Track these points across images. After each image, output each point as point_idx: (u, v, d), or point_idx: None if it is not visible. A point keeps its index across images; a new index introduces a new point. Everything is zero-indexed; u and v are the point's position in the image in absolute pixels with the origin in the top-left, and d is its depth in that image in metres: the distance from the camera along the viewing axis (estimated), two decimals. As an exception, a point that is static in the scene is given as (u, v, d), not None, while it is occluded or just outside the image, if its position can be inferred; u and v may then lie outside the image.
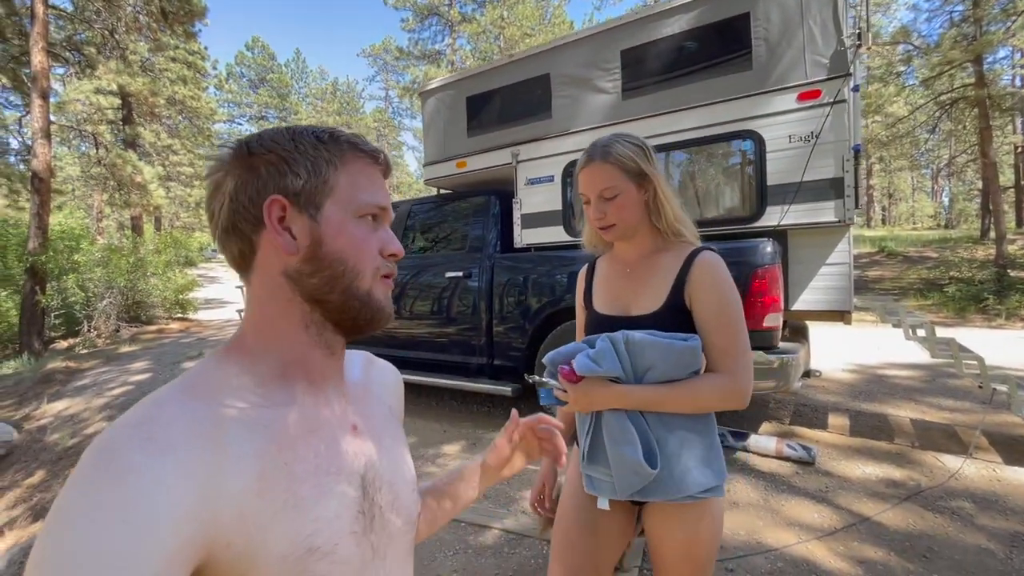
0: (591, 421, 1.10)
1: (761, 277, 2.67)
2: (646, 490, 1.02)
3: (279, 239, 0.54)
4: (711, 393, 1.01)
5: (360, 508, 0.56)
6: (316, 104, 40.52)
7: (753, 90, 2.87)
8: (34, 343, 9.00)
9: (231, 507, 0.45)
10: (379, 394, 0.70)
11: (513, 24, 23.99)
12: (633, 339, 1.02)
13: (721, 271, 1.07)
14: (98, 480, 0.40)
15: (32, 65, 9.16)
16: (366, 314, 0.57)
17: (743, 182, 3.00)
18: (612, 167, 1.10)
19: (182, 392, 0.49)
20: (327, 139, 0.57)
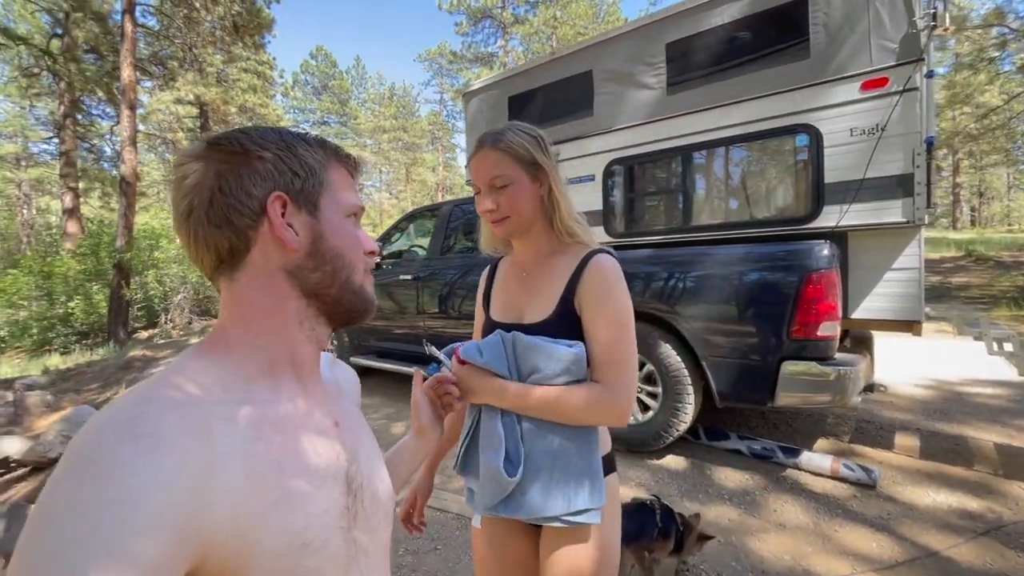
0: (471, 425, 1.05)
1: (816, 282, 2.47)
2: (507, 504, 0.95)
3: (285, 234, 0.55)
4: (581, 401, 0.92)
5: (345, 503, 0.57)
6: (374, 109, 42.02)
7: (810, 80, 2.66)
8: (119, 332, 9.89)
9: (224, 504, 0.44)
10: (346, 391, 0.73)
11: (566, 23, 23.84)
12: (520, 340, 0.98)
13: (613, 275, 0.99)
14: (89, 474, 0.39)
15: (122, 79, 10.08)
16: (360, 306, 0.62)
17: (797, 180, 2.79)
18: (503, 155, 1.01)
19: (167, 388, 0.48)
20: (313, 142, 0.60)
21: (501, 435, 0.96)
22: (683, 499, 2.65)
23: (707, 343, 2.81)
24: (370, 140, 40.92)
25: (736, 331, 2.73)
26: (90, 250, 10.97)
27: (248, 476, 0.47)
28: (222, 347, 0.54)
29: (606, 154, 3.44)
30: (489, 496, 0.95)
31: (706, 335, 2.81)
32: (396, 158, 40.73)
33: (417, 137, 41.27)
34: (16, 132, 24.87)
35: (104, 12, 12.32)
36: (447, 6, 26.95)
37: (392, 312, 4.61)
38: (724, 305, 2.75)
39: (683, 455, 3.15)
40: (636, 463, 3.06)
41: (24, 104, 22.73)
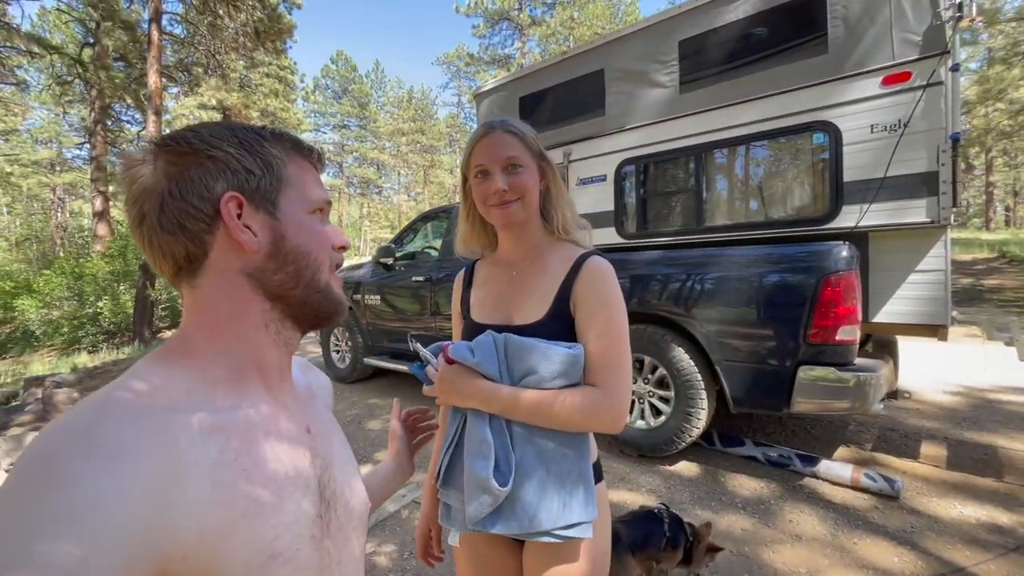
0: (455, 433, 0.98)
1: (834, 285, 2.38)
2: (495, 518, 0.89)
3: (242, 236, 0.52)
4: (577, 405, 0.88)
5: (318, 511, 0.55)
6: (393, 112, 42.49)
7: (828, 76, 2.57)
8: (144, 332, 10.17)
9: (188, 517, 0.42)
10: (320, 397, 0.71)
11: (583, 24, 23.75)
12: (513, 341, 0.93)
13: (610, 278, 0.96)
14: (41, 490, 0.36)
15: (149, 85, 10.37)
16: (328, 306, 0.59)
17: (815, 179, 2.70)
18: (516, 139, 0.98)
19: (128, 394, 0.46)
20: (270, 136, 0.57)
21: (490, 441, 0.90)
22: (695, 507, 2.58)
23: (721, 347, 2.74)
24: (389, 143, 41.39)
25: (751, 335, 2.66)
26: (118, 252, 11.32)
27: (215, 487, 0.45)
28: (185, 353, 0.52)
29: (618, 154, 3.39)
30: (476, 508, 0.88)
31: (720, 338, 2.74)
32: (414, 160, 41.11)
33: (435, 139, 41.60)
34: (51, 138, 25.86)
35: (132, 21, 12.71)
36: (465, 9, 27.11)
37: (406, 313, 4.63)
38: (739, 308, 2.68)
39: (696, 461, 3.08)
40: (648, 469, 3.00)
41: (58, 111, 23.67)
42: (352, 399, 4.72)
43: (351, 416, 4.26)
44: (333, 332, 5.40)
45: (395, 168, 43.38)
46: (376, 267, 4.86)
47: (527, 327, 0.96)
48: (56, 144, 26.01)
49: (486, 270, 1.11)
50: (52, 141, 26.02)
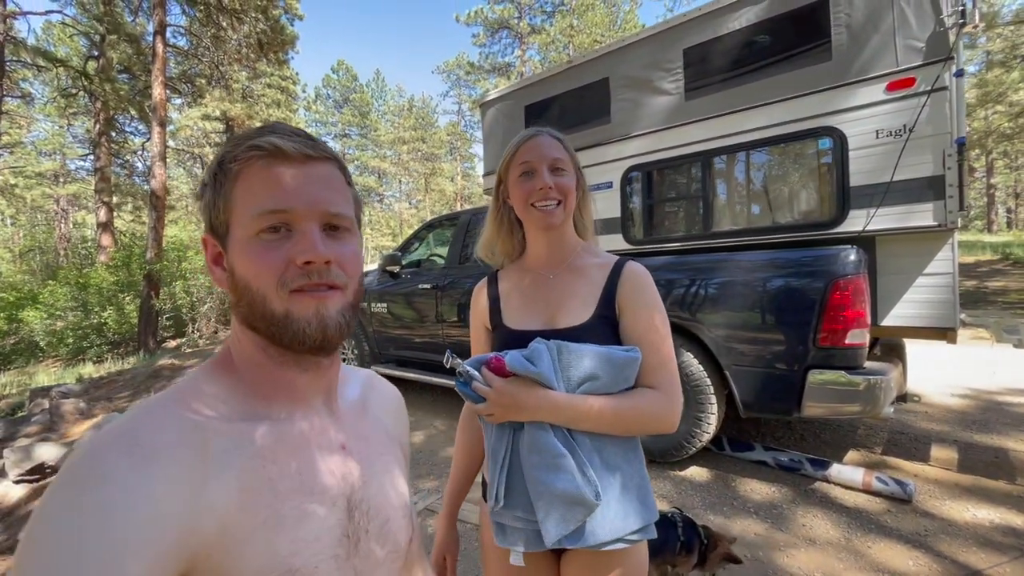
0: (506, 449, 0.93)
1: (843, 289, 2.40)
2: (580, 531, 0.86)
3: (213, 275, 0.56)
4: (649, 409, 0.89)
5: (344, 531, 0.54)
6: (394, 120, 42.70)
7: (833, 82, 2.60)
8: (149, 342, 10.18)
9: (213, 518, 0.44)
10: (377, 415, 0.68)
11: (583, 32, 23.93)
12: (568, 347, 0.90)
13: (651, 282, 0.99)
14: (81, 485, 0.40)
15: (153, 97, 10.46)
16: (297, 336, 0.51)
17: (821, 184, 2.72)
18: (561, 145, 1.02)
19: (171, 402, 0.49)
20: (228, 152, 0.53)
21: (564, 452, 0.86)
22: (707, 512, 2.58)
23: (730, 351, 2.75)
24: (390, 151, 41.57)
25: (760, 339, 2.67)
26: (122, 262, 11.37)
27: (242, 492, 0.47)
28: (225, 367, 0.55)
29: (624, 161, 3.42)
30: (561, 525, 0.84)
31: (729, 343, 2.75)
32: (415, 168, 41.27)
33: (436, 148, 41.77)
34: (55, 150, 26.03)
35: (137, 34, 12.84)
36: (465, 18, 27.33)
37: (412, 321, 4.64)
38: (747, 312, 2.69)
39: (706, 466, 3.08)
40: (658, 474, 3.00)
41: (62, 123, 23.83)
42: (359, 407, 4.72)
43: (359, 424, 4.26)
44: (339, 340, 5.40)
45: (396, 176, 43.54)
46: (382, 275, 4.89)
47: (573, 329, 0.95)
48: (60, 156, 26.19)
49: (514, 277, 1.09)
50: (56, 153, 26.19)
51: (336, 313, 0.53)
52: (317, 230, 0.52)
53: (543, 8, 26.79)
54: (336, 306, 0.53)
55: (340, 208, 0.54)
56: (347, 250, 0.55)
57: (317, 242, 0.51)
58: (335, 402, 0.61)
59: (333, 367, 0.60)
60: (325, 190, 0.53)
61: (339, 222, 0.54)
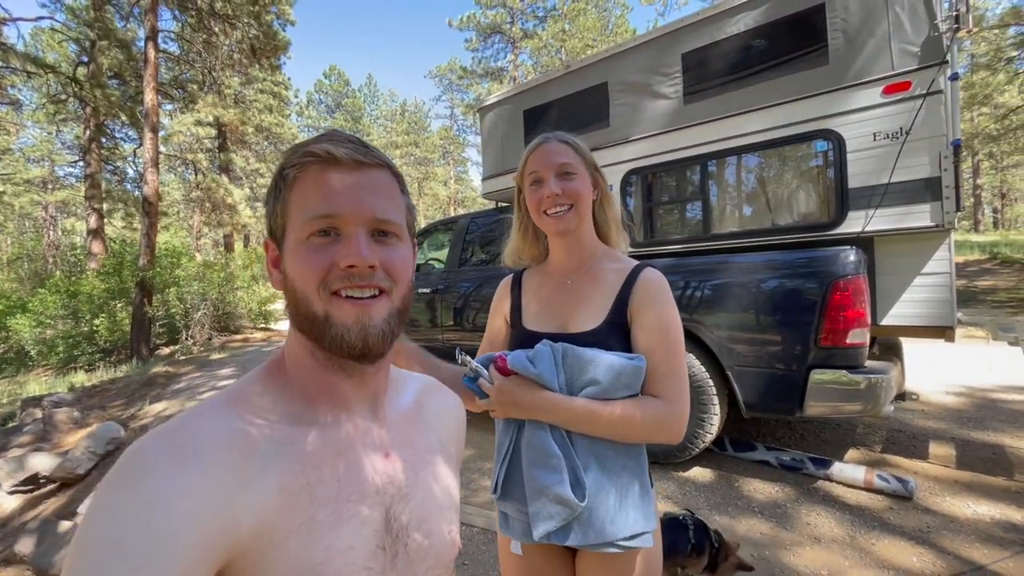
0: (509, 444, 0.98)
1: (843, 289, 2.43)
2: (565, 529, 0.88)
3: (271, 277, 0.57)
4: (649, 416, 0.89)
5: (380, 543, 0.53)
6: (386, 125, 42.68)
7: (830, 86, 2.65)
8: (142, 349, 10.07)
9: (250, 517, 0.45)
10: (429, 423, 0.67)
11: (575, 36, 24.08)
12: (573, 351, 0.93)
13: (667, 289, 0.99)
14: (124, 481, 0.42)
15: (145, 103, 10.39)
16: (337, 340, 0.51)
17: (820, 186, 2.76)
18: (571, 149, 1.03)
19: (222, 404, 0.51)
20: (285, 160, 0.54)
21: (558, 454, 0.89)
22: (712, 512, 2.59)
23: (731, 352, 2.77)
24: (383, 156, 41.43)
25: (761, 340, 2.70)
26: (113, 269, 11.23)
27: (281, 494, 0.48)
28: (277, 370, 0.57)
29: (623, 164, 3.44)
30: (548, 521, 0.87)
31: (730, 344, 2.77)
32: (408, 173, 41.20)
33: (429, 152, 41.77)
34: (44, 156, 25.76)
35: (128, 40, 12.76)
36: (457, 23, 27.42)
37: (411, 326, 4.63)
38: (748, 314, 2.72)
39: (709, 467, 3.09)
40: (662, 475, 3.02)
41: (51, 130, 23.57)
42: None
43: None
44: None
45: (389, 181, 43.40)
46: (381, 280, 4.87)
47: (583, 335, 0.97)
48: (49, 162, 25.91)
49: (537, 279, 1.11)
50: (45, 159, 25.91)
51: (381, 321, 0.53)
52: (364, 235, 0.52)
53: (535, 13, 26.96)
54: (381, 314, 0.53)
55: (389, 214, 0.54)
56: (395, 255, 0.55)
57: (362, 246, 0.51)
58: (382, 408, 0.60)
59: (379, 374, 0.59)
60: (374, 196, 0.54)
61: (387, 228, 0.54)
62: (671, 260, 3.15)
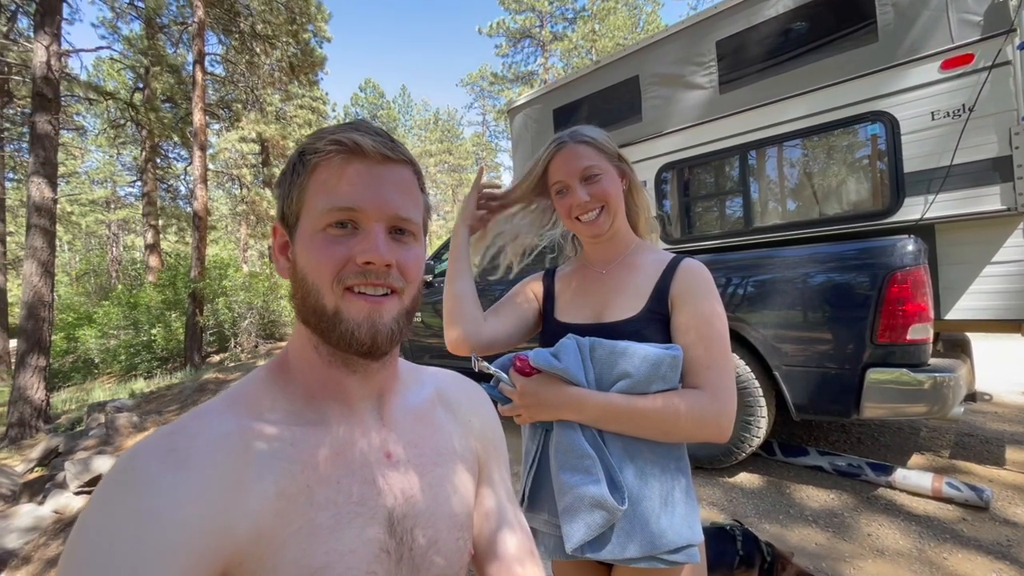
0: (537, 449, 0.91)
1: (901, 281, 2.25)
2: (600, 541, 0.79)
3: (276, 264, 0.56)
4: (689, 411, 0.80)
5: (383, 546, 0.50)
6: (420, 134, 43.50)
7: (880, 64, 2.47)
8: (194, 357, 10.58)
9: (248, 524, 0.43)
10: (442, 421, 0.63)
11: (605, 36, 23.86)
12: (602, 344, 0.86)
13: (710, 279, 0.92)
14: (115, 490, 0.41)
15: (194, 123, 10.96)
16: (345, 335, 0.50)
17: (872, 172, 2.58)
18: (589, 147, 0.96)
19: (220, 406, 0.49)
20: (307, 146, 0.53)
21: (592, 454, 0.82)
22: (761, 520, 2.45)
23: (779, 351, 2.62)
24: (417, 164, 42.27)
25: (811, 338, 2.54)
26: (168, 281, 11.88)
27: (278, 498, 0.46)
28: (281, 368, 0.55)
29: (657, 159, 3.34)
30: (583, 530, 0.78)
31: (777, 343, 2.63)
32: (442, 180, 41.84)
33: (462, 159, 42.27)
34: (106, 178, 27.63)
35: (178, 64, 13.52)
36: (487, 29, 27.68)
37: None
38: (796, 310, 2.57)
39: (758, 472, 2.94)
40: (706, 481, 2.88)
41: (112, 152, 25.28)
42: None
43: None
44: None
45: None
46: (416, 284, 4.92)
47: (620, 323, 0.91)
48: (111, 183, 27.77)
49: (569, 271, 1.08)
50: (107, 181, 27.78)
51: (390, 320, 0.52)
52: (383, 231, 0.51)
53: (564, 15, 26.89)
54: (391, 313, 0.52)
55: (409, 212, 0.53)
56: (410, 255, 0.54)
57: (380, 244, 0.50)
58: (387, 406, 0.58)
59: (384, 371, 0.58)
60: (397, 193, 0.52)
61: (406, 226, 0.54)
62: (710, 256, 3.02)
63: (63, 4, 8.45)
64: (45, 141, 7.61)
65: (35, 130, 7.59)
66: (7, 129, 12.65)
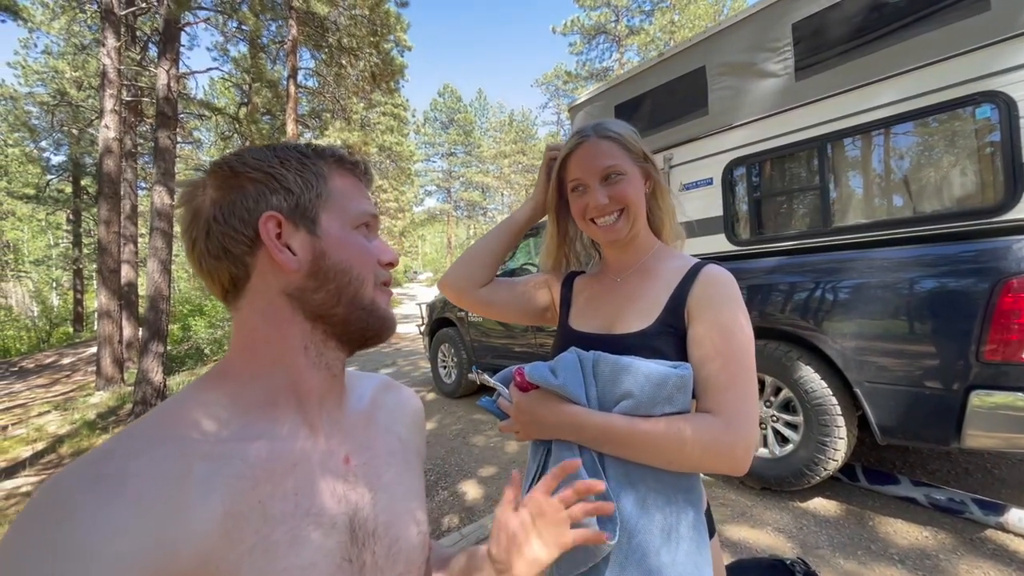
0: (536, 469, 0.84)
1: (1017, 290, 1.92)
2: (593, 569, 0.72)
3: (280, 256, 0.51)
4: (697, 439, 0.71)
5: (346, 555, 0.50)
6: (495, 136, 44.21)
7: (993, 37, 2.11)
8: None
9: (192, 548, 0.41)
10: (387, 423, 0.64)
11: (685, 27, 22.79)
12: (606, 360, 0.79)
13: (732, 287, 0.81)
14: (35, 525, 0.37)
15: (287, 133, 11.92)
16: (374, 324, 0.57)
17: (979, 162, 2.22)
18: (614, 144, 0.88)
19: (156, 423, 0.47)
20: (311, 153, 0.56)
21: (585, 478, 0.75)
22: (835, 554, 2.20)
23: (861, 366, 2.34)
24: (492, 166, 43.06)
25: (901, 351, 2.24)
26: (265, 278, 13.06)
27: (226, 517, 0.43)
28: (224, 376, 0.52)
29: (725, 154, 3.11)
30: (568, 564, 0.73)
31: (860, 356, 2.35)
32: (516, 181, 42.21)
33: (535, 159, 42.34)
34: (218, 185, 30.96)
35: (275, 79, 14.78)
36: (561, 28, 27.51)
37: (509, 330, 4.67)
38: (884, 320, 2.28)
39: (836, 499, 2.65)
40: (774, 504, 2.65)
41: (223, 162, 28.25)
42: (458, 414, 4.86)
43: (456, 431, 4.37)
44: (440, 348, 5.63)
45: (499, 190, 44.92)
46: (477, 285, 4.99)
47: (629, 336, 0.84)
48: (222, 190, 31.07)
49: (587, 279, 1.03)
50: (219, 188, 31.12)
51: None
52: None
53: (641, 8, 26.04)
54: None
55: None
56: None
57: (392, 249, 0.60)
58: (339, 411, 0.58)
59: (344, 372, 0.59)
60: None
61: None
62: (784, 259, 2.77)
63: (181, 32, 9.56)
64: (166, 154, 8.65)
65: (158, 144, 8.65)
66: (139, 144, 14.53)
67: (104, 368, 9.22)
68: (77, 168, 19.34)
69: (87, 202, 18.97)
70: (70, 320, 21.92)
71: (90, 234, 21.26)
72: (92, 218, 19.14)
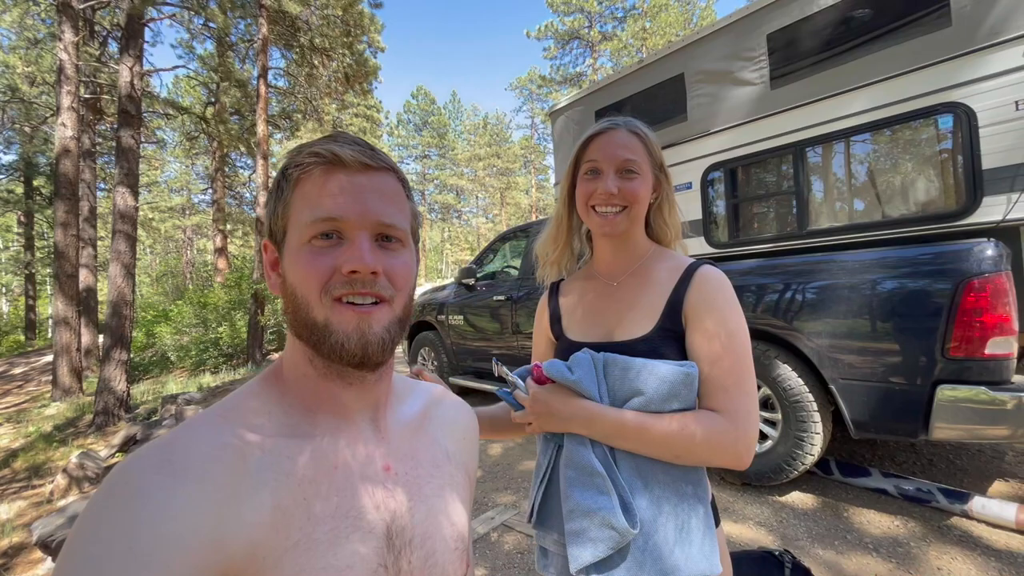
0: (548, 463, 0.87)
1: (978, 290, 2.04)
2: (610, 564, 0.74)
3: (269, 281, 0.55)
4: (705, 436, 0.75)
5: (381, 561, 0.50)
6: (470, 139, 44.19)
7: (954, 52, 2.25)
8: (256, 354, 11.20)
9: (243, 536, 0.43)
10: (435, 435, 0.64)
11: (656, 34, 23.31)
12: (615, 360, 0.81)
13: (727, 288, 0.84)
14: (108, 502, 0.40)
15: (257, 134, 11.63)
16: (329, 347, 0.49)
17: (943, 169, 2.35)
18: (639, 142, 0.89)
19: (215, 417, 0.49)
20: (291, 159, 0.53)
21: (602, 472, 0.78)
22: (814, 544, 2.29)
23: (836, 363, 2.44)
24: (467, 168, 42.99)
25: (872, 349, 2.35)
26: (234, 282, 12.67)
27: (275, 511, 0.45)
28: (276, 378, 0.55)
29: (704, 159, 3.20)
30: (590, 551, 0.74)
31: (834, 354, 2.45)
32: (491, 184, 42.29)
33: (510, 162, 42.55)
34: (182, 187, 29.95)
35: (245, 79, 14.42)
36: (535, 33, 27.74)
37: (489, 332, 4.67)
38: (856, 319, 2.38)
39: (812, 492, 2.75)
40: (754, 499, 2.73)
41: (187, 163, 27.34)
42: (439, 418, 4.82)
43: (438, 435, 4.33)
44: (420, 352, 5.59)
45: (473, 192, 44.90)
46: (458, 288, 4.98)
47: (631, 343, 0.85)
48: (186, 191, 30.07)
49: (578, 284, 1.02)
50: (183, 189, 30.12)
51: (381, 330, 0.51)
52: (368, 240, 0.51)
53: (613, 14, 26.52)
54: (382, 322, 0.51)
55: (394, 219, 0.53)
56: (397, 262, 0.53)
57: (365, 252, 0.49)
58: (383, 419, 0.58)
59: (381, 383, 0.57)
60: (379, 200, 0.52)
61: (392, 233, 0.53)
62: (761, 261, 2.87)
63: (145, 28, 9.22)
64: (128, 154, 8.32)
65: (120, 144, 8.31)
66: (99, 144, 13.94)
67: (60, 378, 8.79)
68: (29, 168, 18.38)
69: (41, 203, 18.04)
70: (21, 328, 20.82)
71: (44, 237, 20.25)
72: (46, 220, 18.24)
